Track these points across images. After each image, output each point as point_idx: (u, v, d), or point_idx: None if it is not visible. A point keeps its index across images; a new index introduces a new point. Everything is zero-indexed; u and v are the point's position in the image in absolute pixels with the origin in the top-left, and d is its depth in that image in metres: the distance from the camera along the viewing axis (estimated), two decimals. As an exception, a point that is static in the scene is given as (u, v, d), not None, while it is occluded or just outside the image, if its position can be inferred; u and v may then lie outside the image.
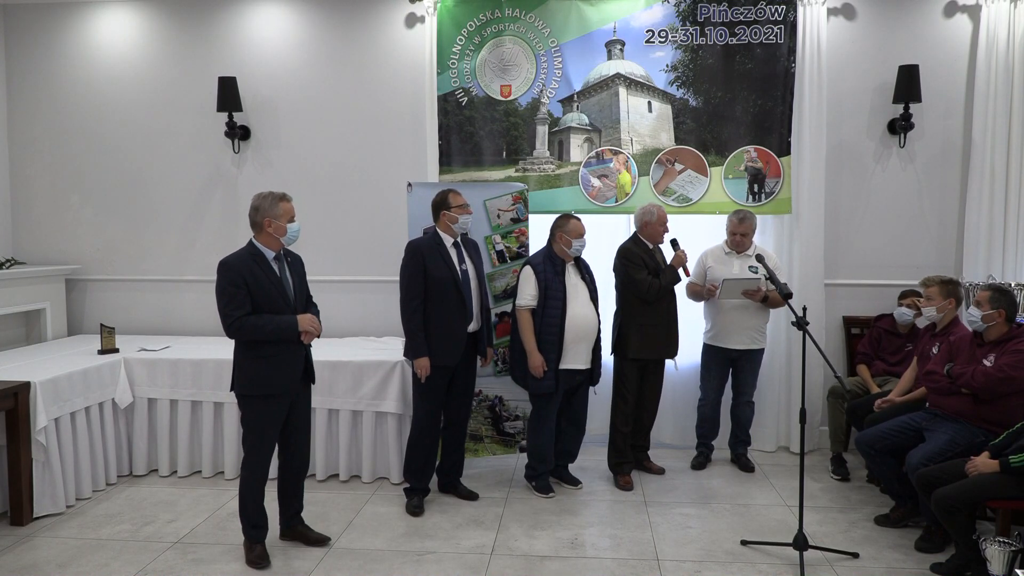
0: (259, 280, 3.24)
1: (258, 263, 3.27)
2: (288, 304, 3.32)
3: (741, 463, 4.60)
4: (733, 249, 4.50)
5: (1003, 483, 3.09)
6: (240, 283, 3.20)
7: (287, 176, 5.18)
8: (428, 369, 3.85)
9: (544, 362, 4.01)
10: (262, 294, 3.24)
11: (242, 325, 3.20)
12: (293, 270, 3.43)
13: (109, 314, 5.29)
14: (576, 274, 4.17)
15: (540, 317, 4.04)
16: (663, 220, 4.35)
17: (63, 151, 5.38)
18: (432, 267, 3.87)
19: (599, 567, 3.36)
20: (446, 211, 3.94)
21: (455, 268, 3.92)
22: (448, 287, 3.88)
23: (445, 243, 3.96)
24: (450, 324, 3.90)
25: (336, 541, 3.62)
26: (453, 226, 3.95)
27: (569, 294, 4.07)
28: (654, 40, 4.84)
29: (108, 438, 4.32)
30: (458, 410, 4.13)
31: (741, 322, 4.44)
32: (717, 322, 4.51)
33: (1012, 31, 4.67)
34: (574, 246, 4.09)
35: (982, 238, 4.74)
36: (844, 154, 4.93)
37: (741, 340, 4.48)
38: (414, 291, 3.85)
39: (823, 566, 3.35)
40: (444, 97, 4.91)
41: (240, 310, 3.19)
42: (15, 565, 3.40)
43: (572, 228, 4.10)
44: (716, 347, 4.54)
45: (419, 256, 3.88)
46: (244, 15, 5.19)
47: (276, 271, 3.32)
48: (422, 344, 3.84)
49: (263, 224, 3.28)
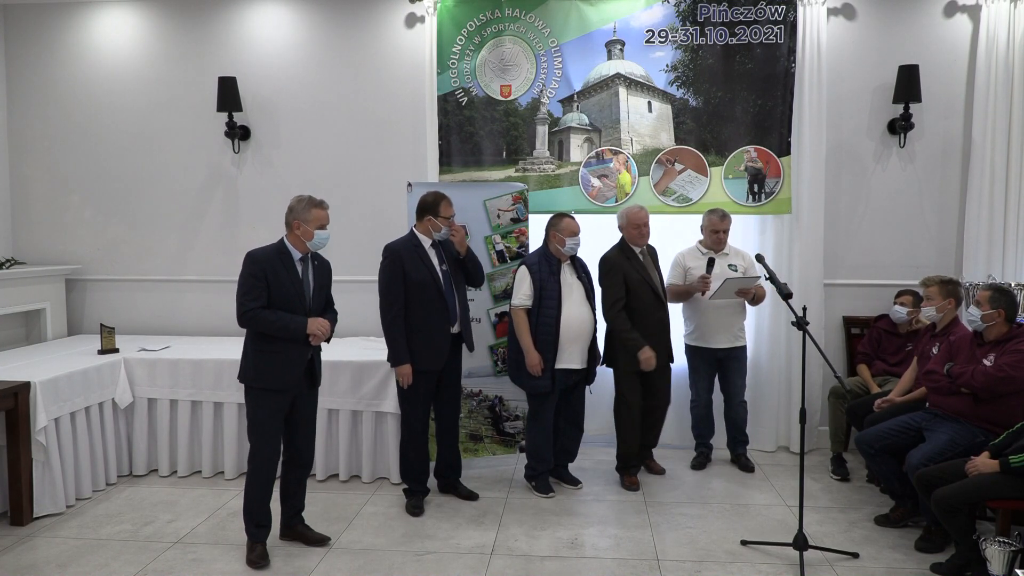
0: (280, 277, 3.32)
1: (283, 261, 3.35)
2: (303, 305, 3.38)
3: (741, 463, 4.60)
4: (712, 248, 4.48)
5: (1003, 483, 3.09)
6: (260, 276, 3.29)
7: (287, 176, 5.19)
8: (410, 377, 3.83)
9: (541, 360, 4.01)
10: (280, 291, 3.32)
11: (253, 316, 3.28)
12: (318, 273, 3.48)
13: (109, 314, 5.29)
14: (572, 274, 4.17)
15: (536, 317, 4.04)
16: (637, 222, 4.24)
17: (63, 151, 5.39)
18: (411, 270, 3.83)
19: (599, 567, 3.36)
20: (432, 217, 3.90)
21: (435, 270, 3.89)
22: (428, 289, 3.85)
23: (423, 244, 3.92)
24: (432, 327, 3.87)
25: (336, 541, 3.62)
26: (435, 233, 3.93)
27: (564, 294, 4.07)
28: (654, 40, 4.84)
29: (108, 438, 4.32)
30: (447, 411, 4.12)
31: (723, 321, 4.44)
32: (699, 323, 4.48)
33: (1012, 31, 4.67)
34: (567, 245, 4.08)
35: (982, 238, 4.74)
36: (844, 154, 4.93)
37: (726, 339, 4.47)
38: (393, 296, 3.81)
39: (823, 566, 3.35)
40: (444, 97, 4.91)
41: (255, 302, 3.28)
42: (15, 565, 3.40)
43: (565, 227, 4.10)
44: (701, 347, 4.52)
45: (397, 260, 3.84)
46: (244, 15, 5.19)
47: (299, 272, 3.39)
48: (404, 351, 3.81)
49: (293, 225, 3.36)
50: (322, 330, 3.39)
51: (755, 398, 4.97)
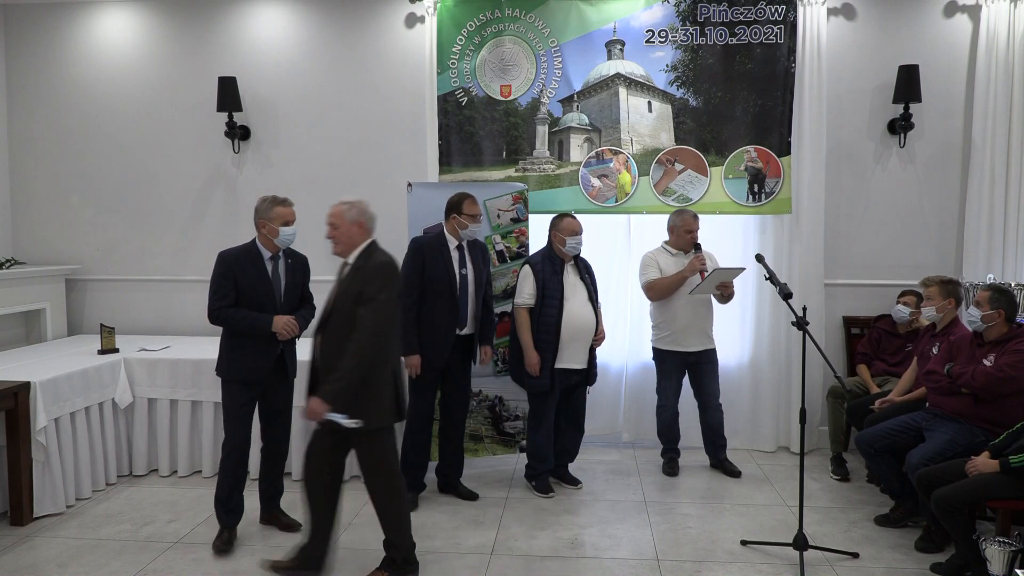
0: (248, 276, 3.46)
1: (252, 260, 3.49)
2: (272, 303, 3.51)
3: (726, 468, 4.52)
4: (681, 249, 4.44)
5: (1003, 483, 3.09)
6: (229, 276, 3.44)
7: (287, 176, 5.19)
8: (418, 367, 3.90)
9: (540, 360, 4.01)
10: (249, 290, 3.46)
11: (220, 315, 3.45)
12: (291, 270, 3.59)
13: (109, 314, 5.28)
14: (575, 274, 4.17)
15: (537, 316, 4.05)
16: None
17: (63, 151, 5.38)
18: (430, 267, 3.90)
19: (599, 567, 3.36)
20: (457, 215, 3.96)
21: (453, 271, 3.94)
22: (442, 289, 3.90)
23: (449, 245, 3.97)
24: (437, 325, 3.92)
25: (336, 541, 3.62)
26: (461, 231, 3.97)
27: (567, 294, 4.07)
28: (654, 40, 4.84)
29: (108, 438, 4.32)
30: (454, 411, 4.14)
31: (695, 323, 4.40)
32: (671, 324, 4.42)
33: (1012, 31, 4.67)
34: (568, 244, 4.09)
35: (982, 238, 4.74)
36: (844, 154, 4.93)
37: (698, 341, 4.43)
38: (410, 287, 3.86)
39: (823, 566, 3.35)
40: (444, 97, 4.91)
41: (222, 301, 3.44)
42: (15, 565, 3.40)
43: (565, 226, 4.11)
44: (672, 351, 4.45)
45: (420, 255, 3.92)
46: (244, 15, 5.19)
47: (268, 270, 3.51)
48: (413, 341, 3.88)
49: (259, 225, 3.51)
50: (287, 328, 3.50)
51: (755, 398, 4.99)
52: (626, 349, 5.02)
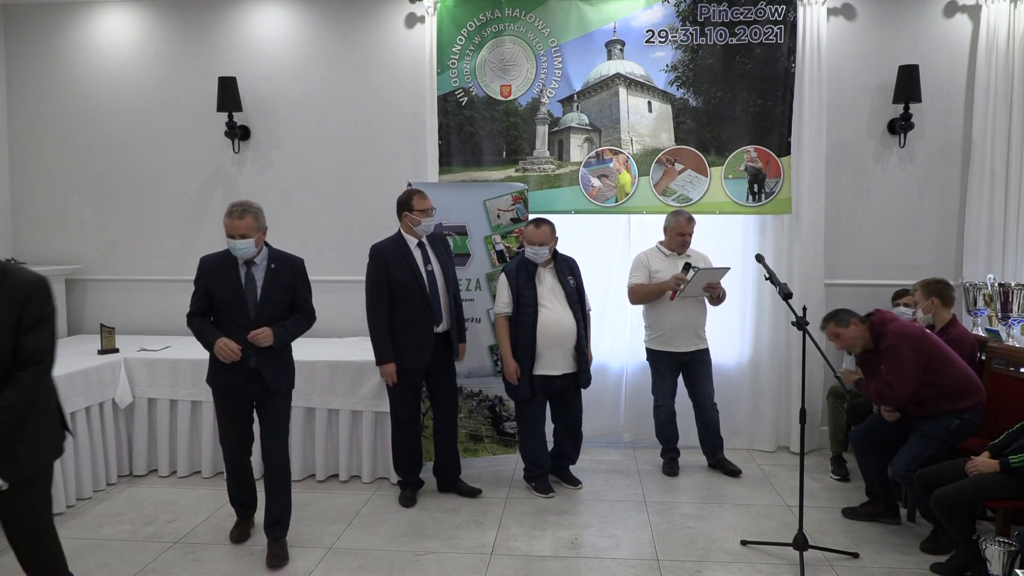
0: (221, 283, 3.33)
1: (227, 267, 3.35)
2: (243, 311, 3.29)
3: (726, 468, 4.51)
4: (675, 251, 4.44)
5: (1003, 483, 3.09)
6: (201, 281, 3.38)
7: (287, 176, 5.19)
8: (394, 376, 3.87)
9: (518, 369, 4.00)
10: (220, 296, 3.34)
11: (189, 322, 3.41)
12: (274, 277, 3.35)
13: (109, 314, 5.28)
14: (553, 277, 4.12)
15: (514, 324, 4.04)
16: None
17: (63, 151, 5.38)
18: (395, 270, 3.85)
19: (599, 567, 3.36)
20: (408, 212, 3.92)
21: (419, 270, 3.90)
22: (412, 290, 3.87)
23: (409, 244, 3.93)
24: (415, 327, 3.89)
25: (336, 541, 3.62)
26: (415, 228, 3.92)
27: (542, 300, 4.04)
28: (654, 40, 4.84)
29: (108, 438, 4.32)
30: (444, 411, 4.14)
31: (686, 323, 4.39)
32: (663, 325, 4.41)
33: (1012, 31, 4.68)
34: (528, 252, 4.07)
35: (982, 238, 4.74)
36: (844, 154, 4.93)
37: (691, 341, 4.42)
38: (377, 296, 3.84)
39: (823, 566, 3.35)
40: (444, 97, 4.91)
41: (193, 306, 3.39)
42: (15, 565, 3.39)
43: (529, 234, 4.08)
44: (665, 351, 4.45)
45: (381, 260, 3.87)
46: (244, 15, 5.19)
47: (242, 278, 3.32)
48: (387, 350, 3.85)
49: None
50: (222, 353, 3.23)
51: (755, 398, 4.98)
52: (626, 349, 5.01)
